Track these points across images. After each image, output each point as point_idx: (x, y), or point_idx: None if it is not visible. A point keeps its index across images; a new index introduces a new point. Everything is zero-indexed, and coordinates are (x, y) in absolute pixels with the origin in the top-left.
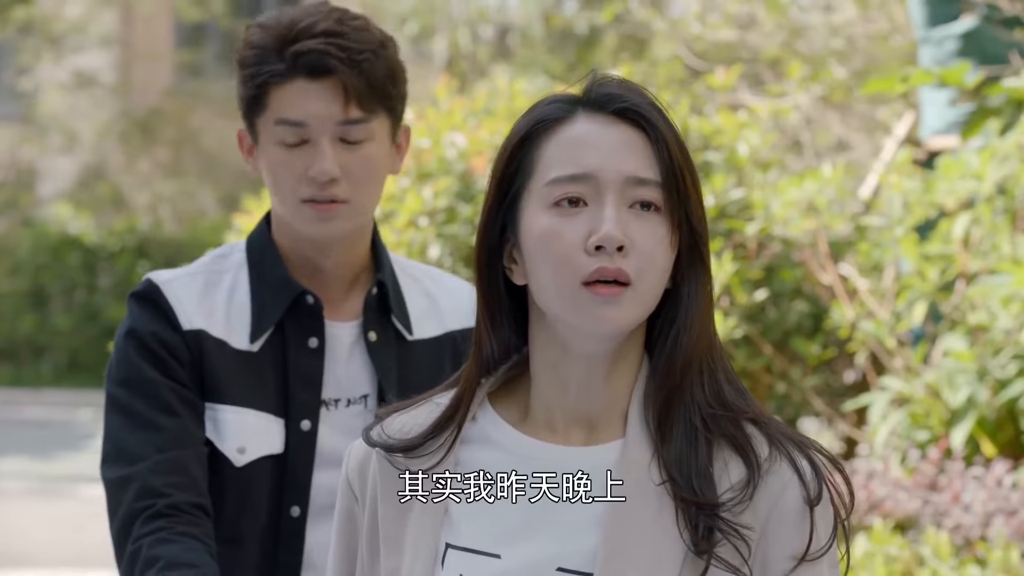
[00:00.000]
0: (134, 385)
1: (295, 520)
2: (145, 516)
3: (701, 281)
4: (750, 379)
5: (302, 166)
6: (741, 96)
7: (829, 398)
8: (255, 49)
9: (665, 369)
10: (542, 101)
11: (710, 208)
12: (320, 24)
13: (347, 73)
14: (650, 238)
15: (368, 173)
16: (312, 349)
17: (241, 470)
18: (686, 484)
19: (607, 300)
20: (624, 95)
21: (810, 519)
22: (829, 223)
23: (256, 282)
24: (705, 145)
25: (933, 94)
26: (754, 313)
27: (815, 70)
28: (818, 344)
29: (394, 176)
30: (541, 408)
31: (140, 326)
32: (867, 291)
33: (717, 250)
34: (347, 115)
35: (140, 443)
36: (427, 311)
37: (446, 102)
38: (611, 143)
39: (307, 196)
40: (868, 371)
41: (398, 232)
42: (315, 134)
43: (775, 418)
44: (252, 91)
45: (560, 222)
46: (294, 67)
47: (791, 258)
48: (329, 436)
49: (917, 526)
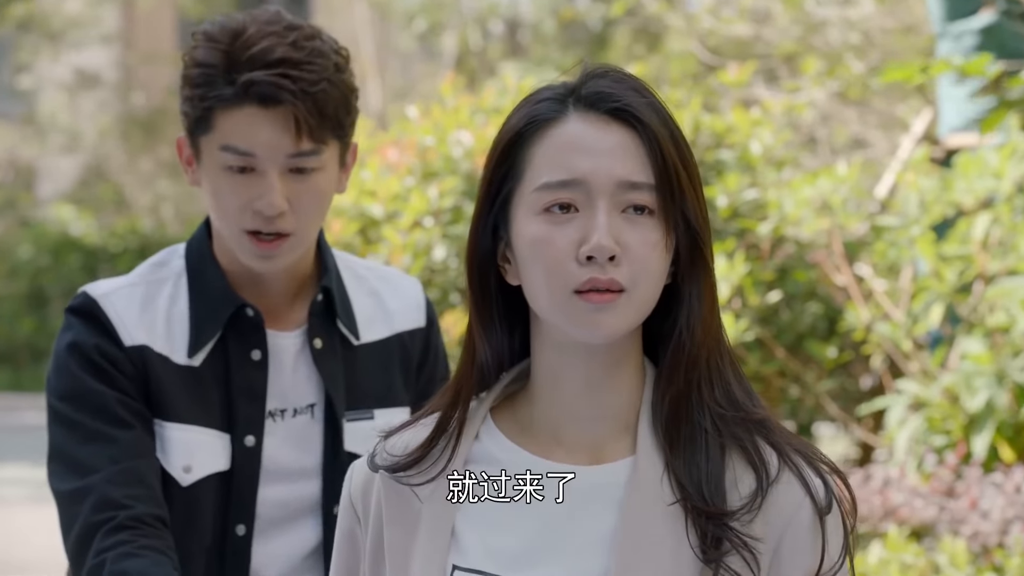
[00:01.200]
0: (79, 398)
1: (240, 539)
2: (106, 529)
3: (703, 280)
4: (763, 383)
5: (247, 195)
6: (756, 92)
7: (844, 403)
8: (202, 68)
9: (670, 371)
10: (533, 96)
11: (722, 208)
12: (276, 50)
13: (299, 106)
14: (643, 243)
15: (316, 203)
16: (255, 362)
17: (187, 489)
18: (696, 491)
19: (600, 307)
20: (616, 93)
21: (822, 534)
22: (844, 223)
23: (195, 293)
24: (717, 143)
25: (951, 90)
26: (767, 315)
27: (831, 66)
28: (833, 347)
29: (339, 194)
30: (545, 422)
31: (82, 339)
32: (883, 292)
33: (729, 251)
34: (298, 147)
35: (92, 455)
36: (373, 312)
37: (452, 100)
38: (602, 146)
39: (251, 227)
40: (884, 375)
41: (403, 233)
42: (263, 164)
43: (781, 425)
44: (197, 111)
45: (551, 229)
46: (244, 94)
47: (805, 259)
48: (275, 448)
49: (933, 533)
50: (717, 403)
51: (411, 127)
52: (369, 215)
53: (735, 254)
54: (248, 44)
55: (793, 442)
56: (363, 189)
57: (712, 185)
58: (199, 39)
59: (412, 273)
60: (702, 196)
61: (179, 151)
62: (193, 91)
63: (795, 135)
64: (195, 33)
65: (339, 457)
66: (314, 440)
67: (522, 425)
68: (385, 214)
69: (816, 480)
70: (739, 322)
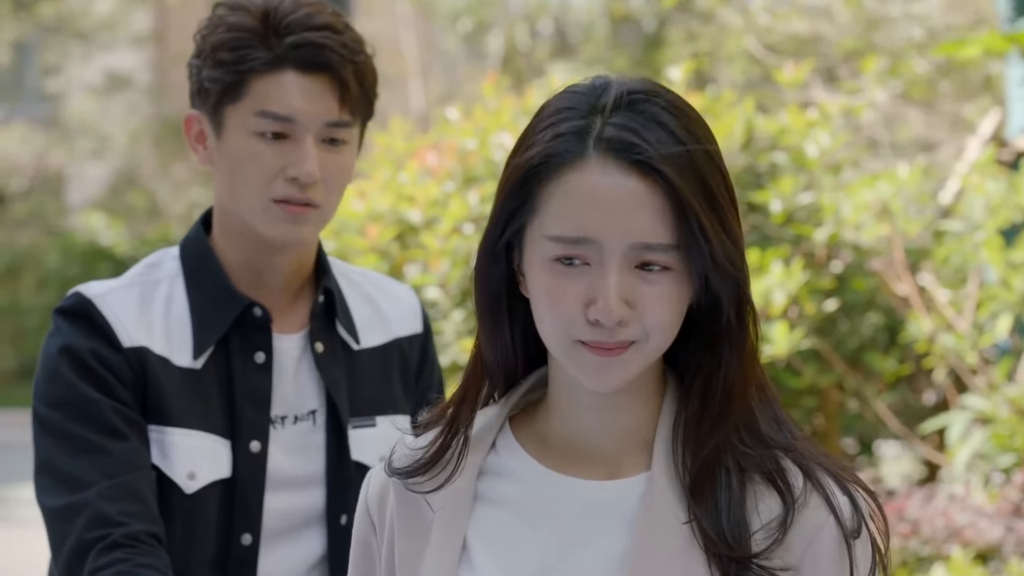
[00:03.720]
0: (70, 406)
1: (246, 548)
2: (100, 547)
3: (742, 311)
4: (819, 397)
5: (278, 163)
6: (814, 93)
7: (906, 419)
8: (235, 32)
9: (700, 409)
10: (555, 118)
11: (776, 213)
12: (317, 16)
13: (346, 70)
14: (657, 299)
15: (343, 178)
16: (259, 364)
17: (190, 497)
18: (718, 536)
19: (607, 363)
20: (640, 142)
21: (849, 560)
22: (905, 228)
23: (195, 293)
24: (772, 145)
25: (1021, 91)
26: (824, 325)
27: (894, 64)
28: (893, 360)
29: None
30: (561, 435)
31: (76, 342)
32: (947, 302)
33: (785, 257)
34: (339, 115)
35: (84, 468)
36: (371, 318)
37: (495, 101)
38: (620, 202)
39: (281, 195)
40: (948, 389)
41: (442, 239)
42: (300, 131)
43: (809, 440)
44: (230, 77)
45: (560, 281)
46: (285, 57)
47: (864, 266)
48: (278, 456)
49: (1000, 556)
50: (744, 442)
51: (451, 129)
52: (407, 221)
53: (791, 261)
54: (285, 12)
55: (821, 458)
56: (401, 194)
57: (766, 189)
58: (224, 10)
59: (450, 281)
60: (737, 236)
61: (187, 128)
62: (227, 55)
63: (854, 137)
64: (218, 4)
65: (344, 465)
66: (316, 448)
67: (540, 436)
68: (424, 220)
69: (841, 497)
70: (794, 332)
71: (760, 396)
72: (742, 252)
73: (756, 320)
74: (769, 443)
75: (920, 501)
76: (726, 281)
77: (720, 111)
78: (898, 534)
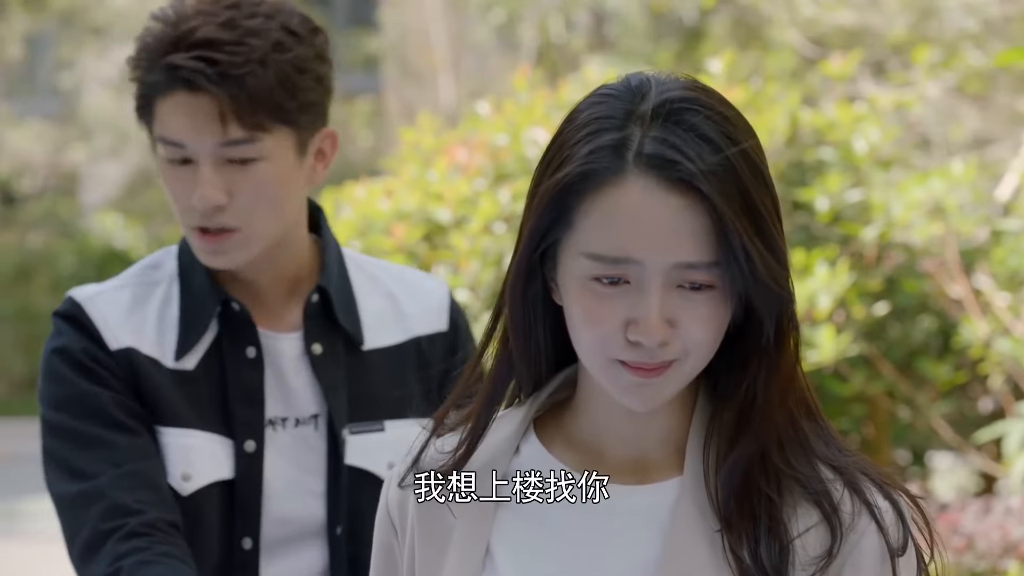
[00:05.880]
0: (71, 404)
1: (247, 553)
2: (118, 537)
3: (783, 328)
4: (868, 405)
5: (188, 190)
6: (862, 87)
7: (961, 428)
8: (141, 52)
9: (734, 421)
10: (590, 128)
11: (822, 212)
12: (199, 30)
13: (219, 91)
14: (698, 318)
15: (260, 196)
16: (251, 360)
17: (187, 500)
18: (755, 564)
19: (646, 383)
20: (681, 159)
21: (892, 573)
22: (959, 227)
23: (185, 293)
24: (818, 140)
25: None
26: (873, 330)
27: (947, 56)
28: (947, 366)
29: (315, 187)
30: (589, 438)
31: (69, 343)
32: (1004, 305)
33: (831, 258)
34: (226, 136)
35: (92, 460)
36: (386, 315)
37: (527, 95)
38: (662, 222)
39: (195, 224)
40: (1004, 397)
41: (471, 239)
42: (195, 155)
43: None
44: (138, 100)
45: (598, 300)
46: (172, 79)
47: (915, 267)
48: (277, 461)
49: None
50: (789, 463)
51: (482, 124)
52: (435, 220)
53: (837, 262)
54: (179, 24)
55: (863, 465)
56: (429, 192)
57: (811, 186)
58: (151, 19)
59: (481, 283)
60: (781, 251)
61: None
62: (132, 74)
63: (906, 132)
64: (153, 11)
65: (339, 473)
66: (318, 454)
67: (566, 437)
68: (453, 219)
69: (886, 505)
70: (841, 337)
71: (805, 413)
72: (786, 267)
73: (798, 337)
74: (814, 462)
75: (975, 514)
76: (768, 298)
77: (763, 105)
78: (952, 548)
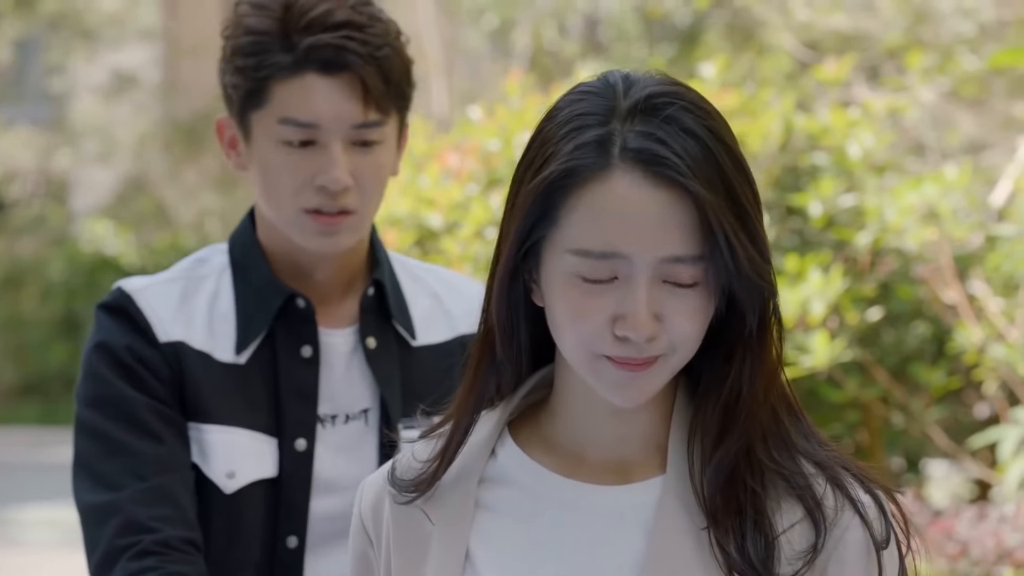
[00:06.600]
0: (106, 405)
1: (292, 551)
2: (131, 554)
3: (765, 322)
4: (862, 411)
5: (307, 171)
6: (856, 91)
7: (956, 434)
8: (254, 36)
9: (716, 416)
10: (573, 123)
11: (816, 216)
12: (336, 13)
13: (367, 70)
14: (684, 312)
15: (379, 180)
16: (306, 359)
17: (231, 497)
18: (742, 557)
19: (632, 377)
20: (668, 155)
21: (877, 565)
22: (953, 233)
23: (240, 287)
24: (812, 145)
25: None
26: (867, 335)
27: (942, 61)
28: (941, 372)
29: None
30: (569, 439)
31: (112, 339)
32: (998, 311)
33: (825, 264)
34: (365, 117)
35: (116, 471)
36: (433, 313)
37: (519, 100)
38: (649, 217)
39: (312, 206)
40: (999, 403)
41: (463, 244)
42: (326, 136)
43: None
44: (250, 83)
45: (584, 296)
46: (305, 60)
47: (909, 273)
48: (325, 456)
49: None
50: (772, 458)
51: (474, 129)
52: (427, 225)
53: (831, 267)
54: (304, 10)
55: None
56: (421, 197)
57: (805, 191)
58: (245, 9)
59: None
60: (763, 245)
61: (219, 133)
62: (245, 60)
63: (900, 137)
64: (239, 3)
65: None
66: (368, 450)
67: (543, 440)
68: (444, 224)
69: (867, 499)
70: (835, 342)
71: (785, 408)
72: (768, 260)
73: (781, 331)
74: (796, 457)
75: (970, 521)
76: (751, 292)
77: (757, 109)
78: (947, 555)
